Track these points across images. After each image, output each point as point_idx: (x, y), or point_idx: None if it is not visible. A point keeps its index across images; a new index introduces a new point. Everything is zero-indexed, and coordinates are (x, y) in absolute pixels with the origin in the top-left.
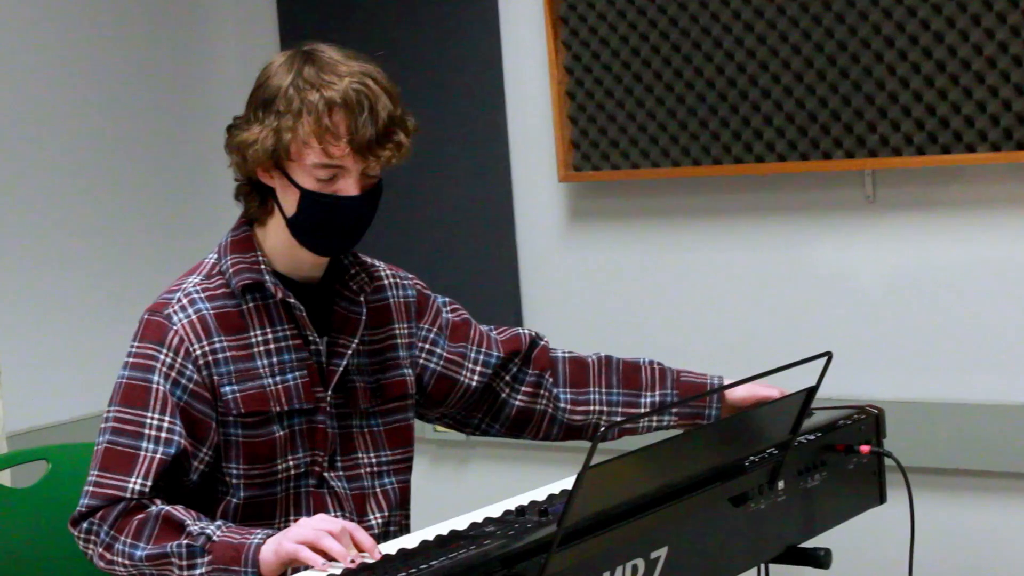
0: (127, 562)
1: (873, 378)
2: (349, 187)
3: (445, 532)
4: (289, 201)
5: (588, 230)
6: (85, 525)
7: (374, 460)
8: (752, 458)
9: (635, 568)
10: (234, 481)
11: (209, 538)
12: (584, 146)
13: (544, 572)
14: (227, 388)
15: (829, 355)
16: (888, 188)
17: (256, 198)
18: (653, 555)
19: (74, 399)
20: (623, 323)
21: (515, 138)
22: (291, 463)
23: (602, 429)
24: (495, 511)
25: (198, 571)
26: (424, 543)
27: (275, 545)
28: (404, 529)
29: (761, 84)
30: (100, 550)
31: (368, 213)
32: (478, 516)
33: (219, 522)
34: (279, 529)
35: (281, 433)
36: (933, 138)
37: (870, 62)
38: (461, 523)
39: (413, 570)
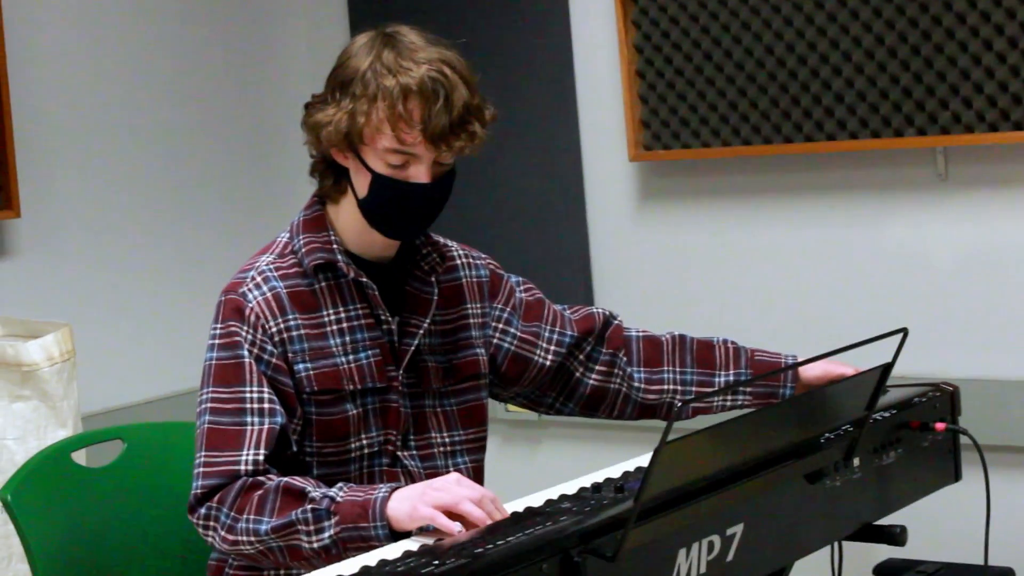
0: (252, 539)
1: (946, 356)
2: (420, 174)
3: (521, 509)
4: (361, 183)
5: (659, 210)
6: (203, 511)
7: (447, 439)
8: (828, 435)
9: (711, 544)
10: (307, 459)
11: (333, 499)
12: (654, 125)
13: (622, 547)
14: (300, 366)
15: (905, 331)
16: (961, 166)
17: (331, 176)
18: (729, 532)
19: (149, 380)
20: (695, 302)
21: (585, 118)
22: (364, 442)
23: (678, 406)
24: (570, 488)
25: (326, 534)
26: (500, 519)
27: (409, 506)
28: None
29: (832, 62)
30: (223, 533)
31: (439, 200)
32: (553, 493)
33: (340, 484)
34: None
35: (354, 411)
36: (1006, 115)
37: (942, 39)
38: (537, 500)
39: (490, 546)
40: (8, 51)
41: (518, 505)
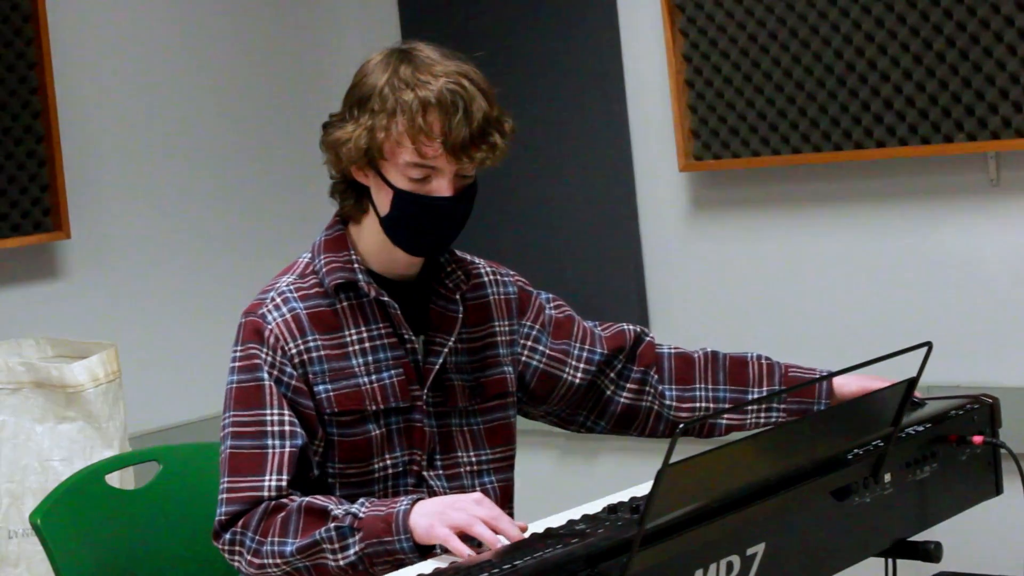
0: (278, 561)
1: (999, 365)
2: (443, 188)
3: (542, 530)
4: (383, 200)
5: (710, 219)
6: (228, 536)
7: (474, 459)
8: (856, 451)
9: (730, 565)
10: (330, 480)
11: (356, 516)
12: (704, 135)
13: (626, 571)
14: (320, 387)
15: (929, 345)
16: (1013, 170)
17: (351, 196)
18: (749, 551)
19: (198, 400)
20: (749, 311)
21: (635, 129)
22: (388, 462)
23: (680, 426)
24: (597, 507)
25: (352, 550)
26: (516, 541)
27: (428, 523)
28: None
29: (880, 67)
30: (248, 557)
31: (462, 214)
32: (577, 513)
33: (361, 500)
34: None
35: (377, 432)
36: None
37: (990, 42)
38: (560, 520)
39: (496, 570)
40: (56, 74)
41: (541, 525)
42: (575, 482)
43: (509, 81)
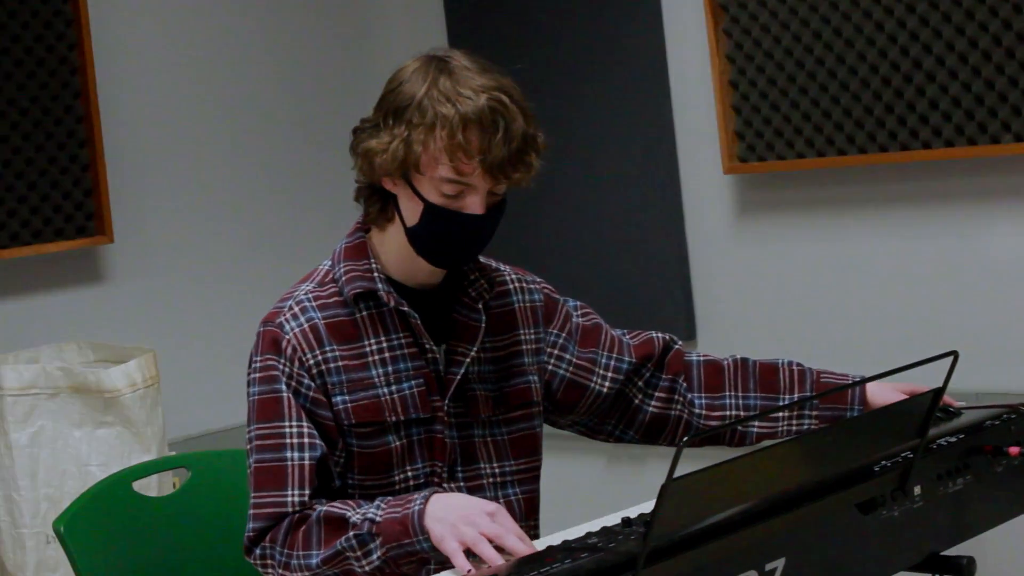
0: (307, 574)
1: None
2: (475, 205)
3: (559, 541)
4: (411, 212)
5: (756, 222)
6: (258, 551)
7: (497, 470)
8: (884, 463)
9: None
10: (350, 492)
11: (373, 521)
12: (749, 137)
13: None
14: (338, 398)
15: (955, 354)
16: None
17: (377, 202)
18: (768, 566)
19: (233, 407)
20: (796, 314)
21: (680, 131)
22: (409, 474)
23: (685, 439)
24: (616, 519)
25: (375, 555)
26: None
27: (440, 533)
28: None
29: (925, 67)
30: (280, 571)
31: (490, 230)
32: (595, 525)
33: (377, 501)
34: None
35: (397, 443)
36: None
37: None
38: (580, 531)
39: None
40: (99, 79)
41: (558, 537)
42: (623, 488)
43: (553, 84)
